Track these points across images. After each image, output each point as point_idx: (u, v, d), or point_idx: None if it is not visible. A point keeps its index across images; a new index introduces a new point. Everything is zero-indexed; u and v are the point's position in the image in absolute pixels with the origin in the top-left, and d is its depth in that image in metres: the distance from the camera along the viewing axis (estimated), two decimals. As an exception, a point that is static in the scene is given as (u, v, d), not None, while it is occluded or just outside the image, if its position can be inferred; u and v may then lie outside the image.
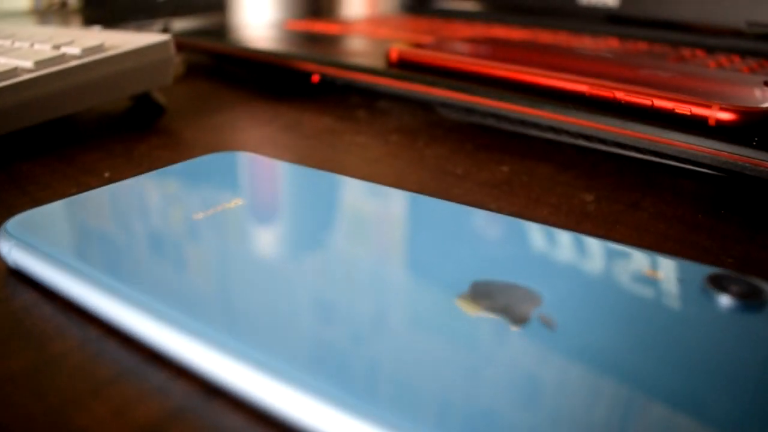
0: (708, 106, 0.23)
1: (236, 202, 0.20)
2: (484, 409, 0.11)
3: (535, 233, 0.18)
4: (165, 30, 0.50)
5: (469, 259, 0.16)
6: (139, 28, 0.52)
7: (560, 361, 0.13)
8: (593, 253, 0.17)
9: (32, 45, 0.31)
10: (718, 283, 0.15)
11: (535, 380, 0.12)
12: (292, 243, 0.18)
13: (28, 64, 0.27)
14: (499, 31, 0.48)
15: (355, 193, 0.21)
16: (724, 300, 0.15)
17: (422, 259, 0.16)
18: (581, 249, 0.17)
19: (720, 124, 0.23)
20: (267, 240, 0.18)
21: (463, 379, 0.12)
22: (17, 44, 0.31)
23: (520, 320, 0.14)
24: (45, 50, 0.29)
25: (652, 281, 0.15)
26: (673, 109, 0.24)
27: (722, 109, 0.23)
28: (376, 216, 0.19)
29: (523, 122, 0.28)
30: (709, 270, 0.16)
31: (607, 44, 0.41)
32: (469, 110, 0.29)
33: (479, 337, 0.13)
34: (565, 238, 0.17)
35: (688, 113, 0.24)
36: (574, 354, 0.13)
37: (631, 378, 0.12)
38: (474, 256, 0.17)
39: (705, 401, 0.11)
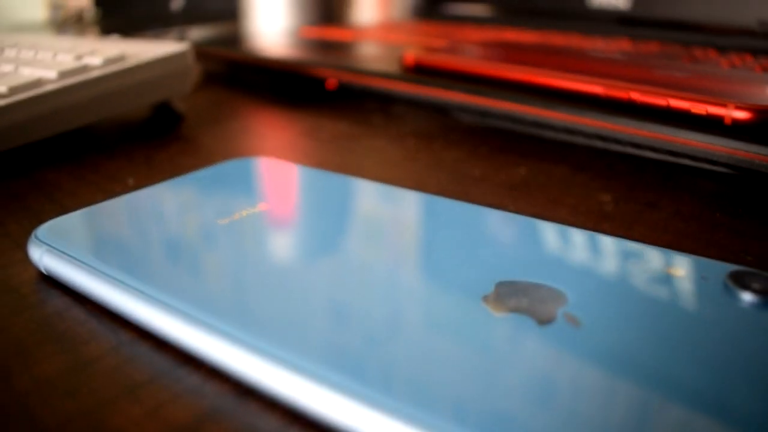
0: (724, 105, 0.23)
1: (261, 206, 0.20)
2: (510, 406, 0.11)
3: (557, 233, 0.18)
4: (181, 39, 0.51)
5: (493, 260, 0.17)
6: (155, 37, 0.53)
7: (586, 359, 0.13)
8: (615, 252, 0.17)
9: (55, 55, 0.31)
10: (739, 280, 0.15)
11: (561, 378, 0.12)
12: (319, 245, 0.18)
13: (52, 74, 0.28)
14: (511, 35, 0.48)
15: (378, 196, 0.21)
16: (747, 297, 0.15)
17: (447, 260, 0.17)
18: (603, 248, 0.17)
19: (736, 122, 0.23)
20: (294, 243, 0.18)
21: (490, 376, 0.12)
22: (40, 55, 0.32)
23: (545, 319, 0.14)
24: (68, 61, 0.30)
25: (673, 279, 0.16)
26: (689, 109, 0.24)
27: (738, 107, 0.23)
28: (399, 218, 0.20)
29: (539, 124, 0.28)
30: (730, 267, 0.16)
31: (618, 46, 0.41)
32: (485, 113, 0.29)
33: (505, 336, 0.13)
34: (586, 237, 0.18)
35: (704, 113, 0.24)
36: (599, 352, 0.13)
37: (656, 376, 0.12)
38: (497, 257, 0.17)
39: (729, 399, 0.12)
